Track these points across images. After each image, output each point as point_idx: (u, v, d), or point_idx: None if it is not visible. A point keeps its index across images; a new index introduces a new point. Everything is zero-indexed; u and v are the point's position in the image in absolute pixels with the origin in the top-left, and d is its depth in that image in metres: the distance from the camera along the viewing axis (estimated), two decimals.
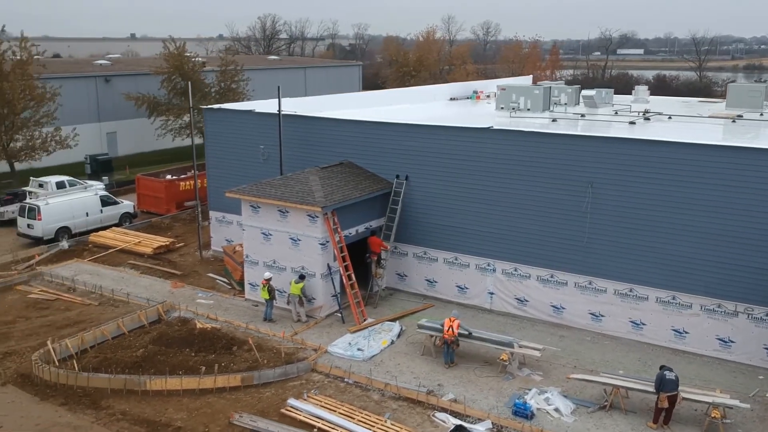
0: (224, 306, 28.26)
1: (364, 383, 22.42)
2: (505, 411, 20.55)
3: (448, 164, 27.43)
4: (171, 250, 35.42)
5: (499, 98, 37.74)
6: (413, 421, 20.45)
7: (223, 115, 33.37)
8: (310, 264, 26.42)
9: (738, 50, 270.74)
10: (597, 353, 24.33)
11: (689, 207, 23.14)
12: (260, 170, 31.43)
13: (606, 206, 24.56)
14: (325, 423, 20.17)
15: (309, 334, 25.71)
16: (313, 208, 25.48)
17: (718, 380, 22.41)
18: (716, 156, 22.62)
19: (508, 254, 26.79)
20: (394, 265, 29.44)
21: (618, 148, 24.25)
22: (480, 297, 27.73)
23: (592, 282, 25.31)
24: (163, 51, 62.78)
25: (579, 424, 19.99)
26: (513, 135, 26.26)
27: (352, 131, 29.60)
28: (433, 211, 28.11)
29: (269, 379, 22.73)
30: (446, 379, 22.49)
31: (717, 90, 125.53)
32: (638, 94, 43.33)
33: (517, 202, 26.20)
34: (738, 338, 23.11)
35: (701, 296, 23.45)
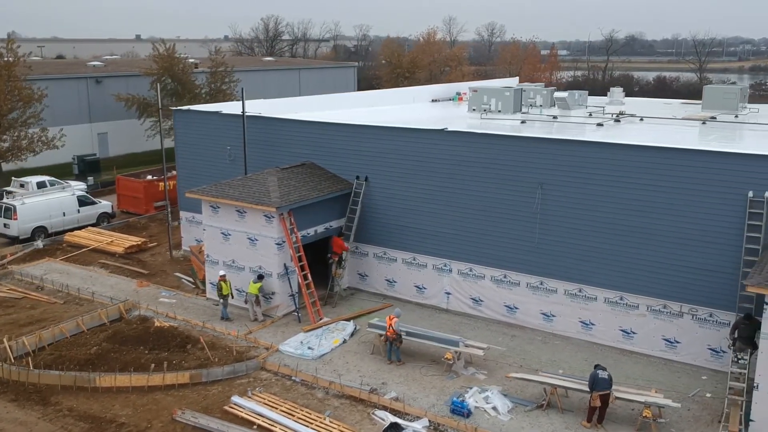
0: (185, 305, 28.62)
1: (310, 381, 22.73)
2: (444, 409, 20.81)
3: (406, 165, 27.72)
4: (143, 249, 35.83)
5: (470, 100, 37.95)
6: (353, 418, 20.73)
7: (191, 116, 33.78)
8: (267, 264, 26.74)
9: (745, 51, 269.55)
10: (546, 353, 24.54)
11: (634, 208, 23.34)
12: (227, 171, 31.79)
13: (555, 207, 24.79)
14: (265, 420, 20.49)
15: (264, 333, 26.04)
16: (268, 209, 25.81)
17: (661, 380, 22.59)
18: (657, 157, 22.80)
19: (464, 255, 27.04)
20: (355, 265, 29.74)
21: (565, 150, 24.48)
22: (437, 297, 27.99)
23: (543, 282, 25.53)
24: (153, 52, 63.45)
25: (514, 422, 20.22)
26: (465, 136, 26.51)
27: (314, 132, 29.94)
28: (392, 212, 28.40)
29: (218, 377, 23.06)
30: (391, 378, 22.75)
31: None
32: (613, 95, 43.45)
33: (471, 202, 26.45)
34: (683, 339, 23.29)
35: (647, 297, 23.64)
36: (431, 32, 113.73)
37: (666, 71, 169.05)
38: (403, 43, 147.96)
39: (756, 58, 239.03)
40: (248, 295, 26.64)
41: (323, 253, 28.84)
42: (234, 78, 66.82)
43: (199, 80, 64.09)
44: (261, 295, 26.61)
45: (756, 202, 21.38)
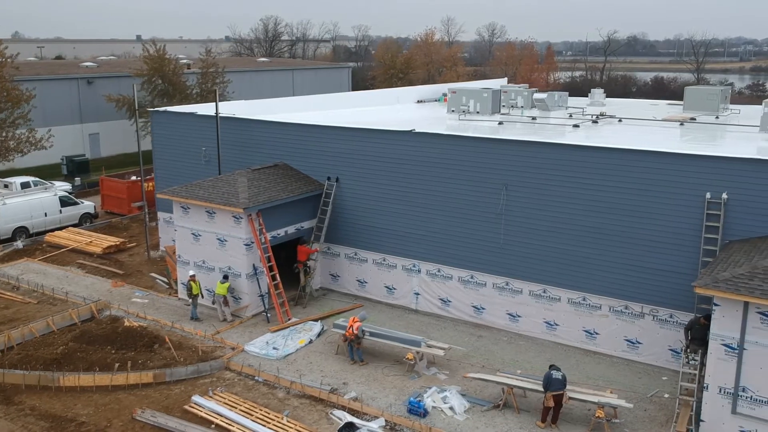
0: (157, 305, 28.80)
1: (272, 381, 22.88)
2: (401, 409, 20.94)
3: (375, 166, 27.86)
4: (121, 249, 36.03)
5: (449, 101, 38.05)
6: (311, 418, 20.88)
7: (168, 117, 33.97)
8: (236, 264, 26.91)
9: (746, 52, 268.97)
10: (510, 353, 24.65)
11: (596, 209, 23.44)
12: (203, 172, 31.98)
13: (520, 208, 24.92)
14: (223, 419, 20.65)
15: (231, 333, 26.20)
16: (236, 210, 25.98)
17: (621, 381, 22.69)
18: (617, 159, 22.90)
19: (432, 255, 27.17)
20: (327, 266, 29.90)
21: (528, 152, 24.58)
22: (407, 297, 28.13)
23: (509, 283, 25.65)
24: (143, 53, 63.72)
25: (470, 422, 20.35)
26: (432, 138, 26.64)
27: (286, 133, 30.12)
28: (362, 213, 28.54)
29: (181, 376, 23.23)
30: (353, 378, 22.89)
31: None
32: (594, 97, 43.48)
33: (439, 203, 26.58)
34: (645, 339, 23.38)
35: (609, 297, 23.75)
36: (429, 33, 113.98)
37: (667, 72, 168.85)
38: (402, 44, 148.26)
39: (757, 59, 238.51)
40: (216, 296, 26.80)
41: (293, 254, 28.97)
42: (225, 79, 67.03)
43: (190, 81, 64.27)
44: (229, 295, 26.75)
45: (713, 203, 21.47)
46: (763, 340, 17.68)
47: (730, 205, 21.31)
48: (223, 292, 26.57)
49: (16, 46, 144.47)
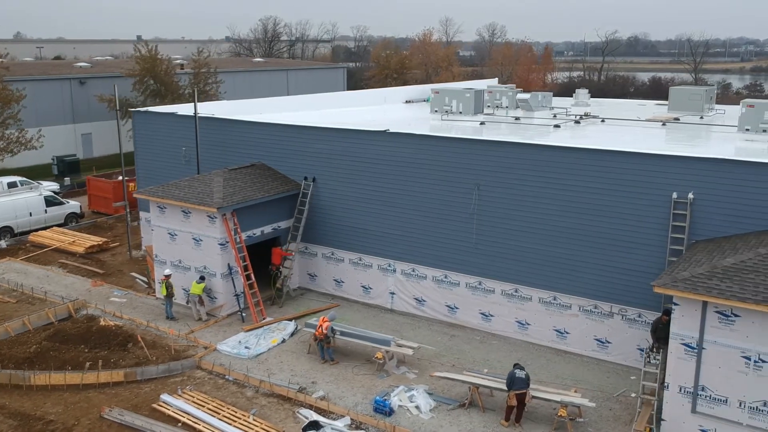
0: (135, 304, 28.92)
1: (242, 380, 22.99)
2: (368, 408, 21.04)
3: (351, 166, 27.96)
4: (104, 249, 36.18)
5: (432, 102, 38.13)
6: (277, 417, 20.99)
7: (149, 117, 34.12)
8: (211, 264, 27.02)
9: (747, 52, 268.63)
10: (481, 352, 24.73)
11: (566, 209, 23.51)
12: (184, 172, 32.08)
13: (492, 208, 25.00)
14: (190, 418, 20.76)
15: (206, 332, 26.30)
16: (210, 209, 26.08)
17: (590, 380, 22.76)
18: (586, 159, 22.97)
19: (407, 255, 27.26)
20: (305, 265, 30.01)
21: (499, 152, 24.66)
22: (382, 297, 28.22)
23: (481, 282, 25.73)
24: (135, 53, 63.92)
25: (435, 420, 20.42)
26: (406, 138, 26.72)
27: (264, 133, 30.23)
28: (339, 212, 28.64)
29: (152, 375, 23.36)
30: (323, 377, 22.99)
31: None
32: (578, 97, 43.52)
33: (413, 203, 26.67)
34: (614, 339, 23.44)
35: (579, 297, 23.82)
36: (427, 33, 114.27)
37: (667, 72, 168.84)
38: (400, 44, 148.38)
39: (758, 59, 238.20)
40: (191, 296, 26.91)
41: (259, 253, 29.16)
42: (218, 79, 67.22)
43: (183, 81, 64.44)
44: (205, 295, 26.86)
45: (680, 203, 21.53)
46: (722, 340, 17.74)
47: (696, 205, 21.36)
48: (198, 292, 26.68)
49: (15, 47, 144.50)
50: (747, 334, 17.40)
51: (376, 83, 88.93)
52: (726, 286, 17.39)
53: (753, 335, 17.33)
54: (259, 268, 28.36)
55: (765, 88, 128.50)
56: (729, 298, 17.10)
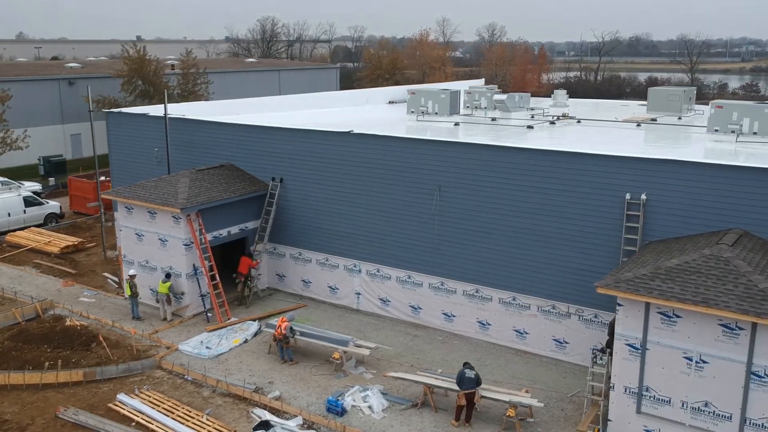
0: (103, 304, 29.06)
1: (200, 380, 23.10)
2: (320, 408, 21.12)
3: (317, 167, 28.07)
4: (80, 249, 36.33)
5: (408, 102, 38.22)
6: (231, 416, 21.09)
7: (122, 118, 34.30)
8: (176, 264, 27.15)
9: (748, 52, 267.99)
10: (441, 353, 24.80)
11: (524, 210, 23.59)
12: (156, 172, 32.17)
13: (453, 209, 25.08)
14: (144, 417, 20.88)
15: (170, 332, 26.43)
16: (174, 210, 26.20)
17: (546, 380, 22.83)
18: (542, 160, 23.03)
19: (372, 256, 27.35)
20: (274, 266, 30.13)
21: (459, 152, 24.75)
22: (348, 297, 28.32)
23: (443, 283, 25.81)
24: (122, 54, 64.14)
25: (386, 420, 20.52)
26: (369, 138, 26.82)
27: (233, 134, 30.35)
28: (306, 213, 28.75)
29: (112, 375, 23.48)
30: (280, 377, 23.09)
31: (708, 92, 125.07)
32: (557, 98, 43.55)
33: (377, 204, 26.77)
34: (571, 339, 23.51)
35: (537, 297, 23.88)
36: (423, 33, 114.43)
37: (667, 72, 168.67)
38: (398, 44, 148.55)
39: (759, 59, 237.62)
40: (159, 295, 27.04)
41: (240, 253, 29.25)
42: (206, 79, 67.42)
43: (172, 81, 64.67)
44: (171, 294, 26.98)
45: (633, 204, 21.58)
46: (664, 340, 17.80)
47: (649, 205, 21.41)
48: (165, 291, 26.81)
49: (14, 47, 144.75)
50: (688, 334, 17.46)
51: (368, 84, 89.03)
52: (667, 287, 17.46)
53: (694, 336, 17.39)
54: (227, 268, 28.48)
55: (761, 88, 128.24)
56: (669, 299, 17.17)
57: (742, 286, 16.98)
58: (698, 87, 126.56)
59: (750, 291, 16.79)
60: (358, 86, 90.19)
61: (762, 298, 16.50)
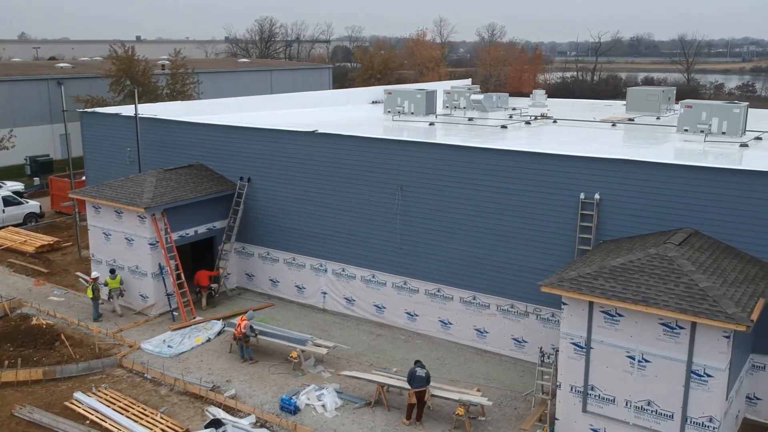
0: (71, 303, 29.18)
1: (159, 378, 23.19)
2: (274, 406, 21.20)
3: (284, 167, 28.17)
4: (55, 249, 36.45)
5: (385, 102, 38.29)
6: (186, 414, 21.19)
7: (96, 118, 34.45)
8: (142, 263, 27.26)
9: (749, 52, 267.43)
10: (402, 352, 24.85)
11: (483, 209, 23.64)
12: (129, 172, 32.29)
13: (414, 208, 25.15)
14: (98, 415, 20.97)
15: (134, 331, 26.54)
16: (138, 209, 26.30)
17: (503, 379, 22.89)
18: (501, 159, 23.11)
19: (337, 255, 27.43)
20: (243, 265, 30.24)
21: (420, 152, 24.82)
22: (315, 297, 28.41)
23: (407, 282, 25.87)
24: (110, 54, 64.33)
25: (338, 419, 20.58)
26: (333, 138, 26.89)
27: (203, 134, 30.44)
28: (273, 213, 28.84)
29: (72, 373, 23.58)
30: (238, 376, 23.17)
31: (704, 92, 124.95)
32: (535, 98, 43.57)
33: (342, 203, 26.85)
34: (530, 338, 23.55)
35: (497, 296, 23.93)
36: (420, 33, 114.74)
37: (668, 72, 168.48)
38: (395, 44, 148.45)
39: (759, 59, 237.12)
40: (112, 290, 27.21)
41: (204, 252, 29.38)
42: (195, 79, 67.57)
43: (161, 81, 64.87)
44: (122, 287, 27.06)
45: (587, 204, 21.62)
46: (608, 339, 17.84)
47: (603, 205, 21.45)
48: (116, 286, 26.99)
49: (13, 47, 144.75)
50: (631, 333, 17.50)
51: (360, 84, 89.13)
52: (610, 286, 17.50)
53: (636, 335, 17.43)
54: (194, 267, 28.60)
55: (757, 89, 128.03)
56: (610, 298, 17.22)
57: (683, 286, 17.01)
58: (694, 87, 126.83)
59: (690, 290, 16.82)
60: (350, 86, 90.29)
61: (701, 297, 16.54)
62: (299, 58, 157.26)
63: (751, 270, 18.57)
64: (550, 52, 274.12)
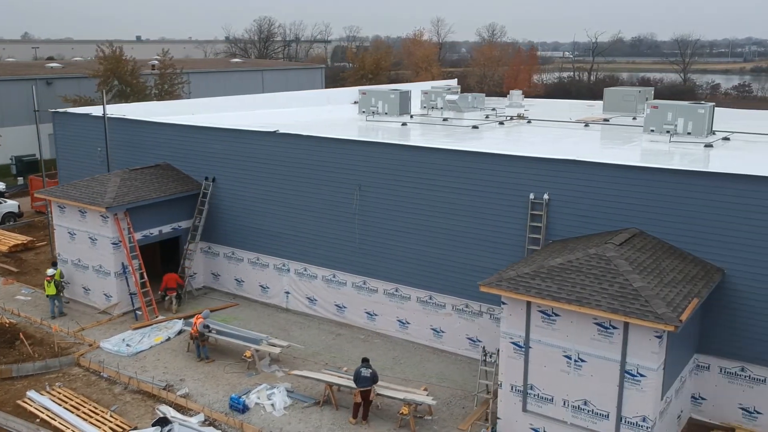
0: (37, 303, 29.32)
1: (114, 377, 23.32)
2: (224, 405, 21.31)
3: (246, 166, 28.29)
4: (29, 248, 36.62)
5: (360, 102, 38.39)
6: (136, 413, 21.31)
7: (68, 118, 34.65)
8: (105, 263, 27.41)
9: (751, 53, 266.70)
10: (359, 351, 24.90)
11: (438, 209, 23.72)
12: (100, 172, 32.43)
13: (372, 208, 25.24)
14: (49, 414, 21.11)
15: (96, 330, 26.69)
16: (100, 209, 26.45)
17: (455, 378, 22.97)
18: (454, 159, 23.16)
19: (299, 255, 27.54)
20: (209, 265, 30.36)
21: (376, 152, 24.92)
22: (278, 296, 28.52)
23: (366, 282, 25.96)
24: (98, 54, 64.56)
25: (285, 418, 20.69)
26: (293, 138, 26.98)
27: (169, 134, 30.58)
28: (237, 212, 28.96)
29: (28, 372, 23.73)
30: (193, 375, 23.29)
31: (701, 93, 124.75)
32: (512, 98, 43.60)
33: (303, 203, 26.96)
34: (484, 338, 23.61)
35: (452, 296, 24.00)
36: (418, 33, 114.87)
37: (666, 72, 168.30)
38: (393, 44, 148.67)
39: (760, 59, 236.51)
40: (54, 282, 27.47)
41: (173, 251, 29.51)
42: (183, 79, 67.78)
43: (150, 81, 65.09)
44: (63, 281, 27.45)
45: (536, 204, 21.69)
46: (545, 339, 17.91)
47: (552, 205, 21.51)
48: (58, 278, 27.43)
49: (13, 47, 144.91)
50: (567, 333, 17.57)
51: (353, 84, 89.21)
52: (546, 286, 17.57)
53: (572, 334, 17.50)
54: (163, 266, 28.75)
55: (754, 89, 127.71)
56: (545, 298, 17.29)
57: (617, 285, 17.08)
58: (691, 87, 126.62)
59: (624, 290, 16.88)
60: (342, 87, 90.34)
61: (634, 297, 16.60)
62: (297, 59, 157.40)
63: (692, 270, 18.62)
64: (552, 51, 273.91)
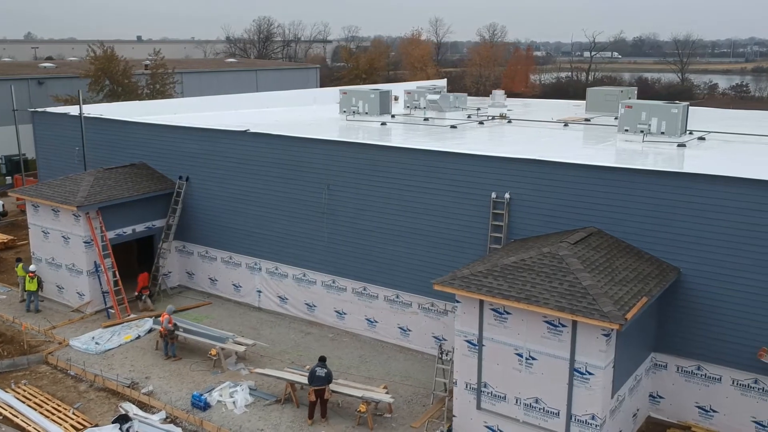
0: (12, 301, 29.48)
1: (80, 375, 23.45)
2: (186, 403, 21.41)
3: (219, 166, 28.41)
4: (10, 247, 36.77)
5: (341, 102, 38.48)
6: (100, 410, 21.44)
7: (47, 117, 34.79)
8: (78, 261, 27.55)
9: (752, 53, 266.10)
10: (327, 350, 24.99)
11: (405, 209, 23.80)
12: (78, 171, 32.60)
13: (341, 208, 25.33)
14: (11, 411, 21.24)
15: (68, 329, 26.82)
16: (71, 208, 26.58)
17: (418, 376, 23.04)
18: (420, 159, 23.24)
19: (270, 254, 27.65)
20: (183, 264, 30.48)
21: (344, 152, 25.01)
22: (251, 295, 28.63)
23: (335, 281, 26.06)
24: (89, 54, 64.78)
25: (245, 415, 20.79)
26: (264, 138, 27.10)
27: (145, 134, 30.71)
28: (211, 211, 29.09)
29: None
30: (158, 372, 23.40)
31: (698, 93, 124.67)
32: (495, 98, 43.66)
33: (274, 202, 27.07)
34: (449, 336, 23.61)
35: (418, 295, 24.07)
36: (415, 33, 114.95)
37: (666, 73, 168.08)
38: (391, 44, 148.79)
39: (761, 59, 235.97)
40: (19, 278, 27.85)
41: (147, 250, 29.65)
42: (174, 79, 67.98)
43: (143, 81, 65.31)
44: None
45: (498, 203, 21.76)
46: (498, 337, 17.98)
47: (513, 204, 21.58)
48: (22, 274, 27.89)
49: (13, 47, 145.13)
50: (518, 331, 17.63)
51: (347, 83, 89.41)
52: (497, 284, 17.64)
53: (523, 332, 17.56)
54: (140, 264, 28.90)
55: (751, 89, 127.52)
56: (496, 296, 17.35)
57: (567, 284, 17.14)
58: (688, 87, 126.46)
59: (573, 288, 16.95)
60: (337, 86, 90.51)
61: (582, 295, 16.67)
62: (297, 59, 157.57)
63: (646, 269, 18.68)
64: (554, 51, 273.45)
